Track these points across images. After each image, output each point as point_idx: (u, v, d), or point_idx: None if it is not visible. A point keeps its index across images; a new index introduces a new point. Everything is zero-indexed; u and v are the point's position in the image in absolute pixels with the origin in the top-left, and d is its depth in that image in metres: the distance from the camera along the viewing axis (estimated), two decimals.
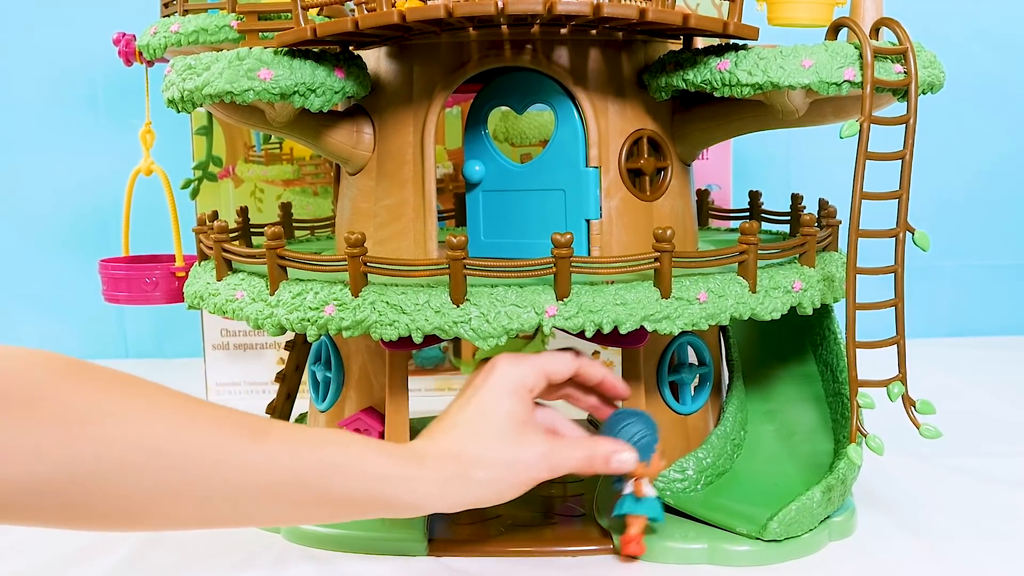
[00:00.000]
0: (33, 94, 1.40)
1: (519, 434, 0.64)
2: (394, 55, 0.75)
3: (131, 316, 1.43)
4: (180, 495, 0.54)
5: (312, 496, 0.58)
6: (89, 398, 0.52)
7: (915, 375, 0.73)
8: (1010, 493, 0.83)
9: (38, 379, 0.51)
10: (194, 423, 0.55)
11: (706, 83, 0.69)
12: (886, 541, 0.74)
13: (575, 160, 0.73)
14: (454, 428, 0.64)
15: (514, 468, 0.63)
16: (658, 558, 0.71)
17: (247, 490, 0.56)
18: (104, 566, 0.72)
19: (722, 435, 0.80)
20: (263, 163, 1.18)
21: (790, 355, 0.86)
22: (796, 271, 0.74)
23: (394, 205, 0.75)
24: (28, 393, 0.51)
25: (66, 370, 0.53)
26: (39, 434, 0.50)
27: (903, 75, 0.68)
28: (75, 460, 0.51)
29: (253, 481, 0.56)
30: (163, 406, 0.55)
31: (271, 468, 0.57)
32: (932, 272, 1.44)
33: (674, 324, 0.67)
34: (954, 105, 1.31)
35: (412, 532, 0.74)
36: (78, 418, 0.51)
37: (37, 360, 0.52)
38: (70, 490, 0.51)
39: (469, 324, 0.66)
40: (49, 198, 1.41)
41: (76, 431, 0.51)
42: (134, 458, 0.52)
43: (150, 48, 0.86)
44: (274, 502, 0.57)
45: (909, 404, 0.70)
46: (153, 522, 0.56)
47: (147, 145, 0.99)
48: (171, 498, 0.54)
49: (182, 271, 0.96)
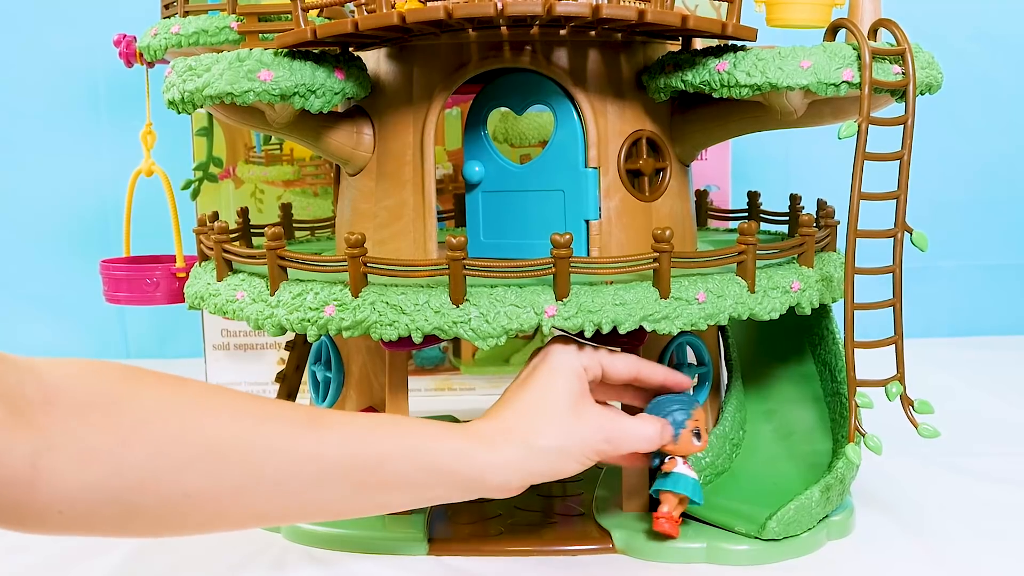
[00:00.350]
0: (34, 95, 1.40)
1: (576, 407, 0.64)
2: (394, 56, 0.76)
3: (132, 316, 1.43)
4: (239, 489, 0.54)
5: (372, 479, 0.58)
6: (143, 402, 0.53)
7: (913, 375, 0.73)
8: (1009, 492, 0.83)
9: (92, 387, 0.52)
10: (245, 416, 0.56)
11: (705, 84, 0.69)
12: (884, 540, 0.74)
13: (574, 161, 0.73)
14: (513, 406, 0.65)
15: (573, 438, 0.63)
16: (657, 557, 0.71)
17: (305, 477, 0.56)
18: (104, 566, 0.72)
19: (721, 435, 0.80)
20: (263, 164, 1.18)
21: (789, 355, 0.86)
22: (795, 271, 0.74)
23: (394, 206, 0.75)
24: (83, 400, 0.51)
25: (120, 377, 0.53)
26: (95, 440, 0.51)
27: (901, 76, 0.69)
28: (132, 463, 0.51)
29: (310, 468, 0.56)
30: (214, 404, 0.55)
31: (327, 452, 0.57)
32: (930, 272, 1.44)
33: (673, 324, 0.68)
34: (952, 106, 1.32)
35: (412, 531, 0.74)
36: (133, 422, 0.52)
37: (91, 368, 0.53)
38: (128, 494, 0.51)
39: (469, 324, 0.66)
40: (50, 199, 1.41)
41: (132, 435, 0.52)
42: (189, 456, 0.53)
43: (151, 49, 0.86)
44: (333, 487, 0.57)
45: (907, 404, 0.70)
46: (213, 522, 0.56)
47: (148, 146, 0.99)
48: (231, 493, 0.54)
49: (183, 272, 0.96)
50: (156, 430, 0.52)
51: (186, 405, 0.54)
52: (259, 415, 0.56)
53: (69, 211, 1.42)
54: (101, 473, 0.51)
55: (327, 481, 0.57)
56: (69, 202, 1.41)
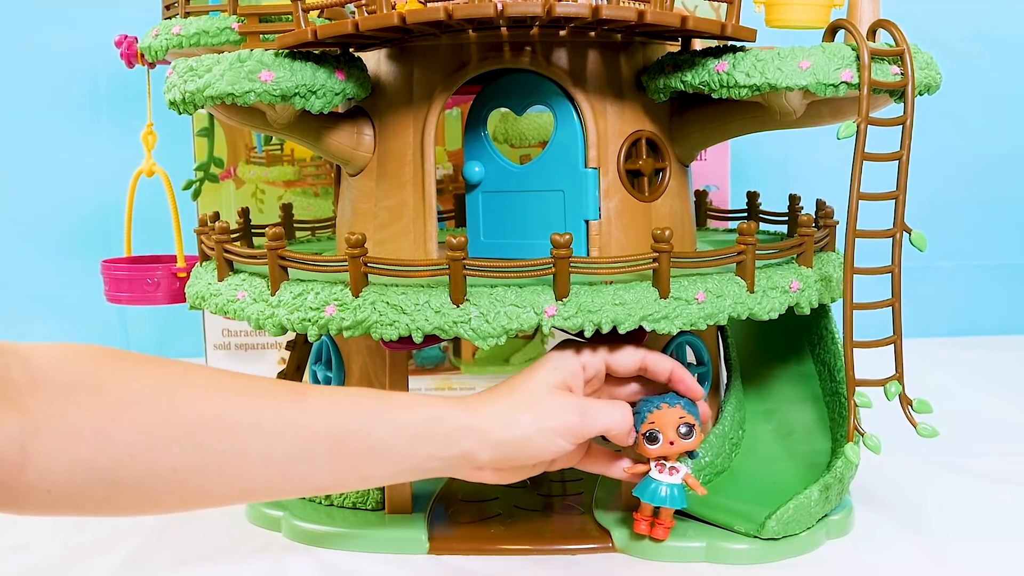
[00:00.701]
0: (36, 96, 1.40)
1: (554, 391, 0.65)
2: (394, 57, 0.76)
3: (133, 316, 1.44)
4: (225, 463, 0.55)
5: (355, 448, 0.59)
6: (128, 382, 0.54)
7: (912, 374, 0.73)
8: (1007, 492, 0.84)
9: (77, 369, 0.53)
10: (229, 392, 0.57)
11: (704, 84, 0.70)
12: (883, 539, 0.75)
13: (574, 161, 0.73)
14: (497, 388, 0.67)
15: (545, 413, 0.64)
16: (657, 556, 0.71)
17: (289, 448, 0.57)
18: (105, 566, 0.72)
19: (720, 434, 0.80)
20: (264, 164, 1.18)
21: (788, 355, 0.87)
22: (794, 271, 0.74)
23: (394, 206, 0.76)
24: (69, 382, 0.52)
25: (104, 358, 0.54)
26: (82, 420, 0.52)
27: (900, 76, 0.69)
28: (119, 441, 0.52)
29: (294, 438, 0.57)
30: (198, 381, 0.56)
31: (311, 423, 0.58)
32: (929, 272, 1.44)
33: (672, 324, 0.68)
34: (951, 106, 1.32)
35: (412, 530, 0.74)
36: (118, 401, 0.53)
37: (75, 350, 0.54)
38: (115, 472, 0.52)
39: (469, 324, 0.66)
40: (51, 199, 1.42)
41: (117, 413, 0.53)
42: (175, 432, 0.54)
43: (152, 50, 0.87)
44: (317, 458, 0.58)
45: (906, 403, 0.71)
46: (200, 498, 0.56)
47: (149, 146, 0.99)
48: (216, 467, 0.55)
49: (184, 272, 0.96)
50: (141, 408, 0.53)
51: (170, 384, 0.55)
52: (243, 391, 0.57)
53: (70, 211, 1.42)
54: (88, 452, 0.51)
55: (311, 451, 0.58)
56: (70, 202, 1.42)
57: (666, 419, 0.69)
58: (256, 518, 0.80)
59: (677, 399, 0.69)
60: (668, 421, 0.69)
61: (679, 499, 0.70)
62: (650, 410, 0.69)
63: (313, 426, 0.58)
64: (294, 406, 0.58)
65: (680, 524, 0.73)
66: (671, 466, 0.70)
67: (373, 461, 0.60)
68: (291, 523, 0.77)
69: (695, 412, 0.70)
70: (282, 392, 0.59)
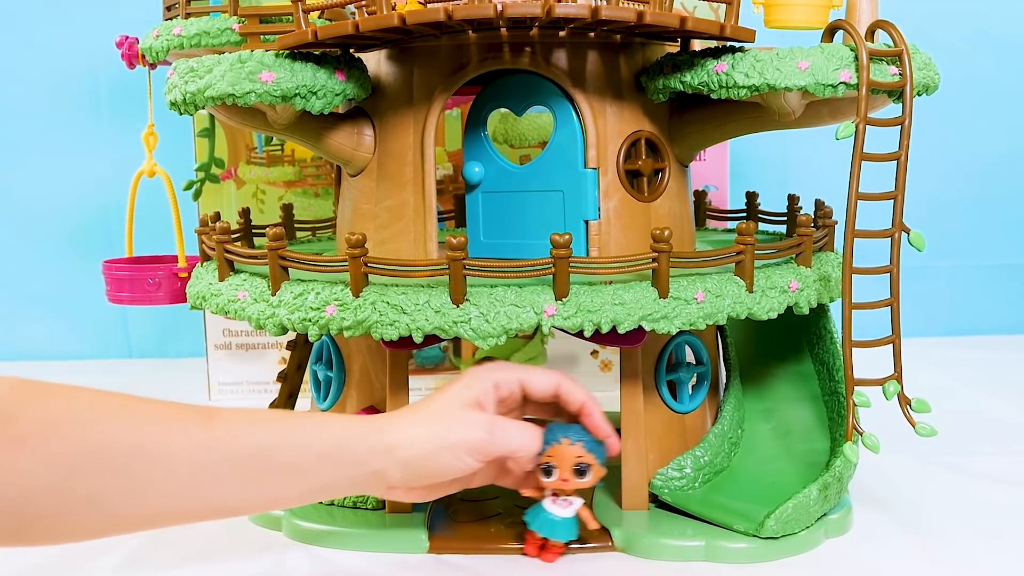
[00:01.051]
0: (37, 97, 1.40)
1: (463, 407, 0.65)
2: (394, 57, 0.76)
3: (134, 316, 1.44)
4: (133, 490, 0.55)
5: (262, 469, 0.58)
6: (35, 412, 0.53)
7: (910, 374, 0.73)
8: (1006, 491, 0.84)
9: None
10: (136, 419, 0.56)
11: (703, 85, 0.70)
12: (882, 538, 0.75)
13: (574, 161, 0.73)
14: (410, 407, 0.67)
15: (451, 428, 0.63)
16: (656, 555, 0.72)
17: (196, 471, 0.56)
18: (104, 566, 0.73)
19: (719, 433, 0.80)
20: (265, 165, 1.19)
21: (787, 354, 0.87)
22: (793, 271, 0.75)
23: (394, 206, 0.76)
24: None
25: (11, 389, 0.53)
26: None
27: (898, 77, 0.69)
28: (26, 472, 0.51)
29: (200, 461, 0.56)
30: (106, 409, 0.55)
31: (216, 445, 0.57)
32: (927, 272, 1.44)
33: (672, 324, 0.68)
34: (949, 106, 1.32)
35: (412, 529, 0.74)
36: (25, 432, 0.52)
37: None
38: (24, 504, 0.52)
39: (469, 324, 0.66)
40: (53, 199, 1.42)
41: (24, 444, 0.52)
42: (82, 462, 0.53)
43: (153, 51, 0.87)
44: (225, 481, 0.57)
45: (905, 403, 0.71)
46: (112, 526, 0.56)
47: (150, 147, 1.00)
48: (125, 494, 0.54)
49: (185, 272, 0.97)
50: (48, 438, 0.52)
51: (77, 413, 0.54)
52: (150, 417, 0.57)
53: (71, 212, 1.42)
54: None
55: (216, 475, 0.57)
56: (71, 203, 1.42)
57: (564, 455, 0.68)
58: (257, 518, 0.80)
59: (581, 435, 0.68)
60: (565, 458, 0.68)
61: (567, 532, 0.70)
62: (550, 443, 0.68)
63: (218, 448, 0.57)
64: (200, 430, 0.57)
65: (679, 523, 0.74)
66: (564, 499, 0.69)
67: (280, 482, 0.60)
68: (292, 522, 0.77)
69: (599, 451, 0.68)
70: (189, 416, 0.58)
